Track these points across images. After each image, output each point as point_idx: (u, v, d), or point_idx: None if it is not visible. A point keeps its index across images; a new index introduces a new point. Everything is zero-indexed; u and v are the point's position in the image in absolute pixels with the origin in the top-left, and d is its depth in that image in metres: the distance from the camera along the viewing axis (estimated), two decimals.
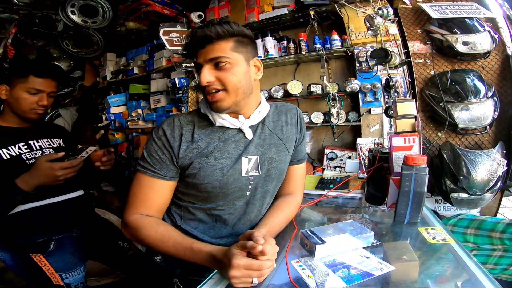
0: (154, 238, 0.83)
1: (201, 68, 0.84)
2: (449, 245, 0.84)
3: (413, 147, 0.98)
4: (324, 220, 1.17)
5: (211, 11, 2.37)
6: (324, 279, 0.70)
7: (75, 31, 2.59)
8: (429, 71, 1.81)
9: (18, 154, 1.23)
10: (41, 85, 1.26)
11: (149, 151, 0.89)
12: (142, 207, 0.89)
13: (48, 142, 1.34)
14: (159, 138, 0.88)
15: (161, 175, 0.88)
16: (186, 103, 2.37)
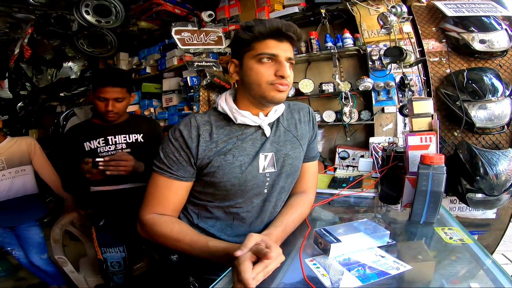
0: (169, 237, 0.84)
1: (270, 55, 0.84)
2: (467, 245, 0.82)
3: (430, 146, 0.96)
4: (336, 219, 1.16)
5: (221, 10, 2.40)
6: (339, 278, 0.69)
7: (90, 31, 2.65)
8: (445, 69, 1.78)
9: (96, 147, 1.50)
10: (104, 93, 1.45)
11: (166, 152, 0.88)
12: (159, 206, 0.89)
13: (124, 138, 1.55)
14: (176, 139, 0.87)
15: (178, 176, 0.88)
16: (197, 101, 2.39)
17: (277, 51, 0.83)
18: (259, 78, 0.83)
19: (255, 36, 0.82)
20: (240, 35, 0.84)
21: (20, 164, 2.02)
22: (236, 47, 0.88)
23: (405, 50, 1.38)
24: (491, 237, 1.83)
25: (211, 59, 2.39)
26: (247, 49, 0.85)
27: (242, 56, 0.86)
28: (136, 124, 1.62)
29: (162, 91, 2.77)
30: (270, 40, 0.83)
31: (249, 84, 0.85)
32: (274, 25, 0.81)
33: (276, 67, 0.84)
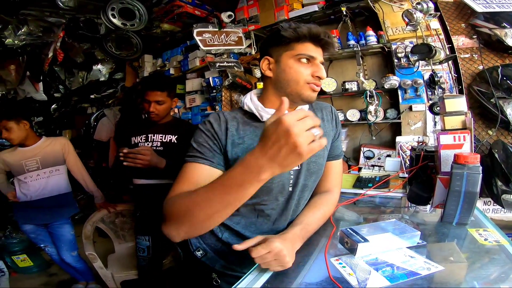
0: (185, 202, 0.72)
1: (308, 57, 0.89)
2: (503, 246, 0.79)
3: (463, 145, 0.92)
4: (360, 219, 1.14)
5: (241, 10, 2.42)
6: (366, 277, 0.68)
7: (117, 34, 2.76)
8: (477, 66, 1.69)
9: (137, 142, 1.75)
10: (147, 96, 1.69)
11: (199, 142, 0.89)
12: (185, 187, 0.82)
13: (161, 137, 1.75)
14: (208, 130, 0.90)
15: (212, 162, 0.87)
16: (220, 101, 2.43)
17: (315, 54, 0.88)
18: (298, 76, 0.88)
19: (298, 37, 0.87)
20: (284, 33, 0.87)
21: (54, 164, 2.11)
22: (273, 45, 0.92)
23: (434, 47, 1.33)
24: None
25: (232, 60, 2.42)
26: (287, 48, 0.89)
27: (280, 54, 0.90)
28: (174, 127, 1.79)
29: (185, 92, 2.83)
30: (309, 44, 0.89)
31: (286, 81, 0.89)
32: (315, 31, 0.87)
33: (313, 68, 0.88)
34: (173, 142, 1.74)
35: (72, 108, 4.30)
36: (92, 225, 2.14)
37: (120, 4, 2.45)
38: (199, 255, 1.00)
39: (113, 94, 3.80)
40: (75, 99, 4.17)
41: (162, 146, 1.72)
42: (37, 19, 2.54)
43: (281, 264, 0.74)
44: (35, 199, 2.05)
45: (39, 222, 2.14)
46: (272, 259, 0.73)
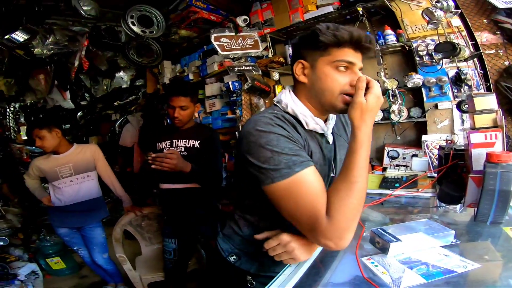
0: (349, 200, 0.70)
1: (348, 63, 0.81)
2: None
3: (495, 144, 0.91)
4: (386, 220, 1.13)
5: (255, 14, 2.44)
6: (400, 275, 0.68)
7: (137, 41, 2.83)
8: (503, 61, 1.65)
9: (163, 148, 1.80)
10: (172, 101, 1.73)
11: (282, 147, 0.74)
12: (323, 197, 0.72)
13: (184, 142, 1.80)
14: (279, 129, 0.77)
15: (310, 160, 0.77)
16: (240, 105, 2.47)
17: (354, 60, 0.80)
18: (335, 86, 0.80)
19: (336, 41, 0.79)
20: (322, 38, 0.79)
21: (86, 170, 2.20)
22: (309, 48, 0.83)
23: (458, 44, 1.31)
24: None
25: (250, 63, 2.46)
26: (323, 53, 0.81)
27: (315, 59, 0.82)
28: (197, 132, 1.83)
29: (205, 97, 2.89)
30: (348, 49, 0.80)
31: (322, 91, 0.82)
32: (356, 36, 0.79)
33: (351, 76, 0.80)
34: (196, 147, 1.78)
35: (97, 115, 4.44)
36: (121, 228, 2.21)
37: (138, 12, 2.51)
38: (233, 260, 0.98)
39: (135, 101, 3.88)
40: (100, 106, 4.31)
41: (186, 151, 1.77)
42: (62, 29, 2.63)
43: (291, 256, 0.77)
44: (69, 204, 2.14)
45: (73, 226, 2.22)
46: (282, 251, 0.77)
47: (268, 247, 0.79)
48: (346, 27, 0.81)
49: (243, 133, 0.81)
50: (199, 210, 1.83)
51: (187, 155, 1.74)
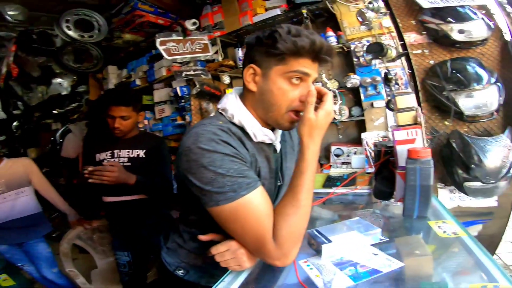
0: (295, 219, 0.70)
1: (303, 75, 0.75)
2: (461, 238, 0.82)
3: (416, 140, 0.96)
4: (335, 217, 1.17)
5: (205, 17, 2.40)
6: (331, 278, 0.70)
7: (74, 46, 2.65)
8: (428, 61, 1.79)
9: (103, 159, 1.67)
10: (111, 111, 1.62)
11: (226, 168, 0.68)
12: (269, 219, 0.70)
13: (127, 153, 1.68)
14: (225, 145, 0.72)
15: (256, 179, 0.73)
16: (189, 111, 2.39)
17: (310, 71, 0.75)
18: (284, 101, 0.75)
19: (296, 51, 0.72)
20: (281, 46, 0.71)
21: (19, 186, 2.07)
22: (263, 53, 0.76)
23: (386, 45, 1.39)
24: (496, 226, 1.80)
25: (199, 67, 2.39)
26: (279, 62, 0.74)
27: (269, 67, 0.75)
28: (142, 141, 1.74)
29: (154, 103, 2.76)
30: (306, 59, 0.74)
31: (269, 103, 0.77)
32: (318, 45, 0.72)
33: (302, 90, 0.75)
34: (141, 157, 1.69)
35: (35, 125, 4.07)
36: (68, 243, 2.11)
37: (75, 16, 2.36)
38: (181, 274, 0.95)
39: (78, 108, 3.62)
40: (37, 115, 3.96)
41: (129, 162, 1.67)
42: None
43: (238, 263, 0.74)
44: (5, 221, 2.02)
45: (12, 242, 2.11)
46: (230, 257, 0.74)
47: (216, 252, 0.75)
48: (308, 33, 0.74)
49: (182, 149, 0.73)
50: (149, 221, 1.74)
51: (131, 165, 1.65)
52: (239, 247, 0.74)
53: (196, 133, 0.72)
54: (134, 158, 1.68)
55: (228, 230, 0.73)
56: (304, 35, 0.72)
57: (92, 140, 1.96)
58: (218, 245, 0.75)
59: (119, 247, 1.84)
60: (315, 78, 0.78)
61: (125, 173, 1.54)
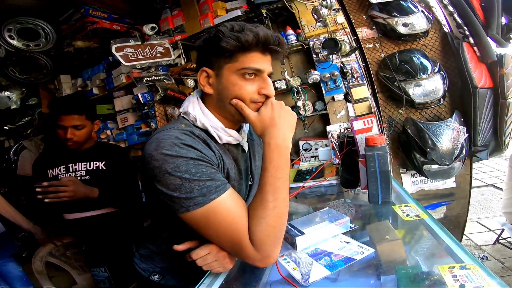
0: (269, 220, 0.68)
1: (255, 71, 0.75)
2: (423, 220, 0.85)
3: (372, 128, 1.03)
4: (310, 210, 1.20)
5: (165, 21, 2.34)
6: (309, 269, 0.72)
7: (19, 56, 2.44)
8: (379, 54, 1.92)
9: (57, 174, 1.54)
10: (62, 121, 1.47)
11: (193, 173, 0.67)
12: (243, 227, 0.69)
13: (84, 165, 1.56)
14: (189, 148, 0.70)
15: (225, 181, 0.71)
16: (154, 118, 2.32)
17: (262, 66, 0.75)
18: (243, 95, 0.75)
19: (241, 46, 0.72)
20: (225, 44, 0.71)
21: None
22: (213, 54, 0.76)
23: (340, 40, 1.47)
24: (459, 206, 1.96)
25: (161, 72, 2.33)
26: (229, 60, 0.74)
27: (221, 66, 0.75)
28: (100, 152, 1.61)
29: (116, 112, 2.63)
30: (255, 53, 0.74)
31: (228, 99, 0.76)
32: (263, 37, 0.72)
33: (259, 84, 0.76)
34: (101, 169, 1.58)
35: None
36: (41, 260, 1.95)
37: (18, 24, 2.17)
38: (156, 279, 0.92)
39: (31, 123, 3.34)
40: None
41: (88, 175, 1.55)
42: None
43: (222, 265, 0.74)
44: None
45: None
46: (212, 260, 0.73)
47: (197, 257, 0.73)
48: (252, 26, 0.73)
49: (145, 157, 0.70)
50: (121, 234, 1.63)
51: (90, 179, 1.54)
52: (220, 250, 0.74)
53: (158, 139, 0.70)
54: (93, 171, 1.56)
55: (204, 235, 0.71)
56: (247, 29, 0.72)
57: (44, 154, 1.78)
58: (197, 249, 0.74)
59: (94, 263, 1.73)
60: (270, 71, 0.78)
61: (84, 187, 1.45)
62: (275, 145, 0.72)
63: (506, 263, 2.21)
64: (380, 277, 0.70)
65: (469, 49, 1.74)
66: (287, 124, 0.76)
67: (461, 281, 0.56)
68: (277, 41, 0.75)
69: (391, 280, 0.68)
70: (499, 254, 2.33)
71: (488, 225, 2.83)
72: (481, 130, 1.72)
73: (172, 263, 0.92)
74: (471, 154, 1.82)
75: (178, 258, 0.79)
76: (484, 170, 4.40)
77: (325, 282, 0.69)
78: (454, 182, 1.90)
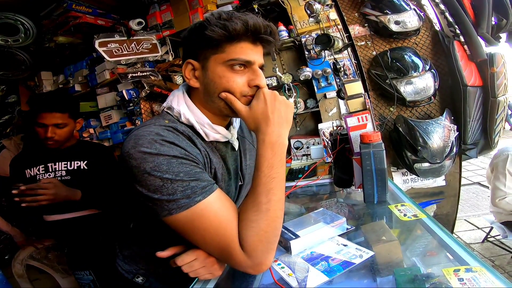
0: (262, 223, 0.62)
1: (245, 63, 0.69)
2: (421, 220, 0.83)
3: (367, 125, 1.00)
4: (302, 210, 1.16)
5: (152, 16, 2.28)
6: (305, 275, 0.67)
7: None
8: (371, 51, 1.91)
9: (35, 174, 1.45)
10: (42, 119, 1.37)
11: (176, 172, 0.61)
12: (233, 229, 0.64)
13: (65, 165, 1.47)
14: (171, 146, 0.64)
15: (212, 181, 0.66)
16: (139, 115, 2.23)
17: (252, 58, 0.69)
18: (232, 88, 0.69)
19: (229, 36, 0.66)
20: (211, 33, 0.66)
21: None
22: (197, 46, 0.70)
23: (333, 36, 1.44)
24: (449, 205, 1.97)
25: (148, 68, 2.25)
26: (215, 51, 0.68)
27: (207, 58, 0.70)
28: (82, 151, 1.53)
29: (99, 109, 2.52)
30: (245, 43, 0.68)
31: (214, 93, 0.70)
32: (254, 25, 0.66)
33: (249, 75, 0.70)
34: (83, 169, 1.50)
35: None
36: (21, 263, 1.90)
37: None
38: (140, 281, 0.87)
39: (10, 121, 3.17)
40: None
41: (68, 175, 1.46)
42: None
43: (210, 271, 0.70)
44: None
45: None
46: (200, 266, 0.68)
47: (182, 263, 0.67)
48: (242, 14, 0.68)
49: (123, 155, 0.64)
50: (105, 236, 1.54)
51: (71, 179, 1.45)
52: (207, 255, 0.68)
53: (136, 136, 0.63)
54: (74, 171, 1.47)
55: (190, 240, 0.66)
56: (236, 17, 0.66)
57: (22, 153, 1.65)
58: (183, 255, 0.68)
59: (77, 266, 1.64)
60: (261, 63, 0.72)
61: (66, 190, 1.36)
62: (269, 142, 0.66)
63: (496, 261, 2.23)
64: (376, 278, 0.67)
65: (460, 47, 1.75)
66: (282, 118, 0.68)
67: (469, 284, 0.53)
68: (269, 30, 0.69)
69: (387, 282, 0.66)
70: (489, 252, 2.36)
71: (476, 223, 2.87)
72: (471, 128, 1.73)
73: (156, 265, 0.87)
74: (461, 152, 1.83)
75: (162, 261, 0.73)
76: (470, 168, 4.50)
77: None
78: (444, 181, 1.91)
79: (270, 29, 0.69)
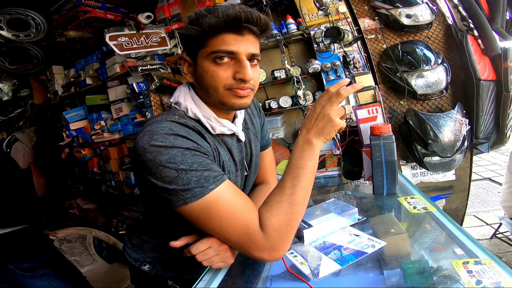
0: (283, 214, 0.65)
1: (226, 54, 0.68)
2: (431, 213, 0.83)
3: (377, 117, 1.00)
4: (310, 202, 1.17)
5: (161, 10, 2.28)
6: (318, 264, 0.69)
7: (9, 46, 2.37)
8: (381, 45, 1.89)
9: None
10: None
11: (190, 163, 0.63)
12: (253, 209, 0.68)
13: None
14: (185, 141, 0.66)
15: (222, 172, 0.69)
16: (149, 107, 2.26)
17: (236, 48, 0.67)
18: (216, 82, 0.69)
19: (206, 31, 0.67)
20: (189, 31, 0.68)
21: None
22: (188, 43, 0.73)
23: (343, 29, 1.43)
24: (458, 200, 1.95)
25: (157, 61, 2.27)
26: (201, 46, 0.69)
27: (196, 54, 0.71)
28: None
29: (110, 102, 2.57)
30: (227, 34, 0.67)
31: (205, 88, 0.72)
32: (230, 15, 0.64)
33: (235, 68, 0.69)
34: None
35: None
36: None
37: (8, 15, 2.11)
38: (147, 269, 0.90)
39: (23, 114, 3.30)
40: None
41: None
42: None
43: (223, 259, 0.72)
44: None
45: None
46: (214, 255, 0.70)
47: (197, 251, 0.70)
48: (228, 6, 0.67)
49: (137, 149, 0.66)
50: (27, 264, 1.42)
51: None
52: (221, 243, 0.70)
53: (150, 131, 0.66)
54: None
55: (204, 229, 0.68)
56: (215, 10, 0.66)
57: None
58: (197, 243, 0.70)
59: None
60: (249, 53, 0.69)
61: None
62: (304, 137, 0.70)
63: (503, 257, 2.21)
64: (384, 271, 0.67)
65: (473, 41, 1.72)
66: (326, 126, 0.69)
67: (477, 276, 0.54)
68: (252, 17, 0.66)
69: (395, 275, 0.66)
70: (496, 249, 2.34)
71: (485, 219, 2.84)
72: (483, 123, 1.71)
73: (163, 253, 0.90)
74: (472, 147, 1.81)
75: (169, 249, 0.75)
76: (481, 163, 4.42)
77: (327, 276, 0.66)
78: (454, 175, 1.89)
79: (255, 17, 0.67)
